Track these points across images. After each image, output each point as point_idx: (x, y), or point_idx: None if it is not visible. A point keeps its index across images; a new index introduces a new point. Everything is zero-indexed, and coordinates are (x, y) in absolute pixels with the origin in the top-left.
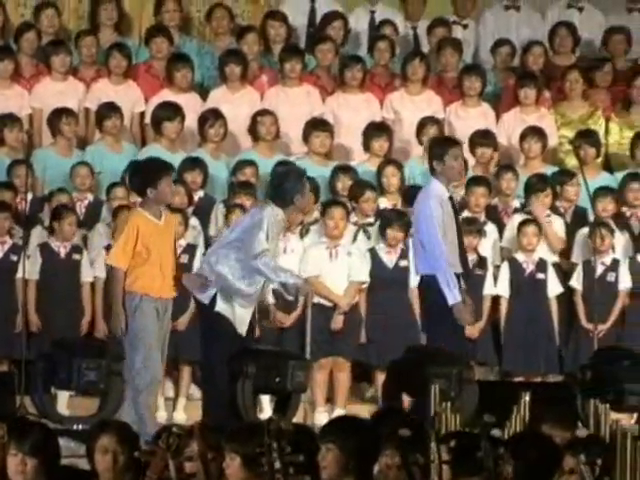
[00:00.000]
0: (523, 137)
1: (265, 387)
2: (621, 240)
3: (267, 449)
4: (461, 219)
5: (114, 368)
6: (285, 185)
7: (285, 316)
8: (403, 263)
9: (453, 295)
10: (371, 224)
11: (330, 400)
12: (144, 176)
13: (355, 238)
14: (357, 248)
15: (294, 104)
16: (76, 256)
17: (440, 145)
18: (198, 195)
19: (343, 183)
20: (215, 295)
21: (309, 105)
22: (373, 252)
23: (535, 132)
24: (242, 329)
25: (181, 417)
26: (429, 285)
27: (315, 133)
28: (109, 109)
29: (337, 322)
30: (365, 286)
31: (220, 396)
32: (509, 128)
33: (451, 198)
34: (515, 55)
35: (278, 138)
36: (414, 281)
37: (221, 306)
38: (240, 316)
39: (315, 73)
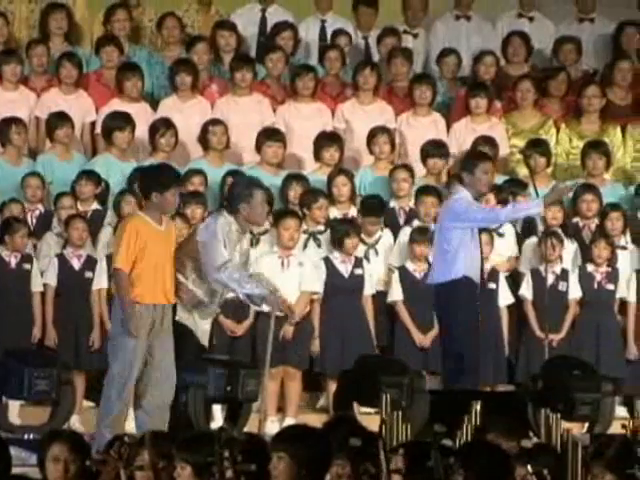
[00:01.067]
0: (474, 146)
1: (216, 396)
2: (569, 250)
3: (218, 458)
4: (412, 228)
5: (65, 377)
6: (232, 192)
7: (236, 325)
8: (358, 271)
9: (533, 205)
10: (321, 232)
11: (281, 409)
12: (154, 180)
13: (305, 246)
14: (308, 257)
15: (245, 113)
16: (26, 265)
17: (472, 158)
18: None
19: (295, 191)
20: (175, 305)
21: (260, 114)
22: (328, 261)
23: (486, 141)
24: (204, 341)
25: (132, 426)
26: (443, 294)
27: (268, 143)
28: (60, 118)
29: (287, 332)
30: (317, 297)
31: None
32: (460, 137)
33: None
34: (461, 65)
35: (228, 147)
36: (369, 289)
37: (181, 315)
38: (202, 328)
39: (265, 82)
